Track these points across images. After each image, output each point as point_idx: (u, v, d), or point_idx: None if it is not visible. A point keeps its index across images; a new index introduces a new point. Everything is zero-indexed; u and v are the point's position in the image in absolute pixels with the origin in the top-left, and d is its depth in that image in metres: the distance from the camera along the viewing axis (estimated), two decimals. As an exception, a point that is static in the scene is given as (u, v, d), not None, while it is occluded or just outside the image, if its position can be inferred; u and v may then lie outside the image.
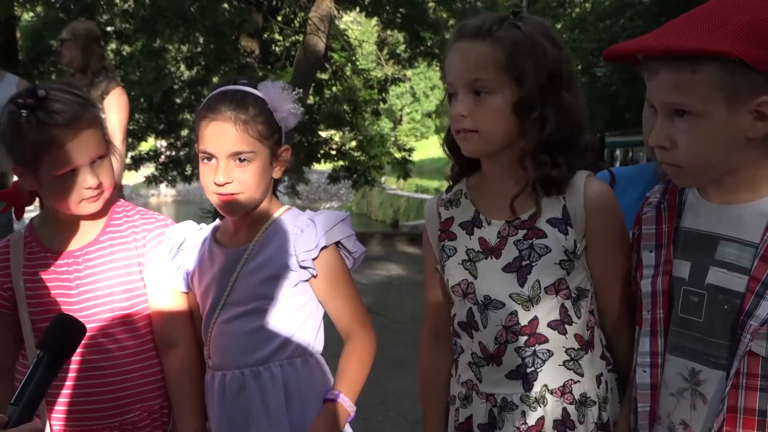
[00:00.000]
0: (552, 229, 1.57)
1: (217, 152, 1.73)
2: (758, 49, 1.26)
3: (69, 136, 1.73)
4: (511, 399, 1.61)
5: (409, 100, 39.34)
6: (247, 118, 1.71)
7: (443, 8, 13.37)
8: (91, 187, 1.78)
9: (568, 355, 1.60)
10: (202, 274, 1.86)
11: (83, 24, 5.01)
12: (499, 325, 1.60)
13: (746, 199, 1.37)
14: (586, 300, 1.61)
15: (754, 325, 1.31)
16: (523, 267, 1.58)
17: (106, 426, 1.85)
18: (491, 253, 1.62)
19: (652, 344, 1.47)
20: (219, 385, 1.80)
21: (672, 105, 1.35)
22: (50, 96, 1.74)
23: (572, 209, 1.57)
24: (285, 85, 1.80)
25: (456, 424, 1.70)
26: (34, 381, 1.29)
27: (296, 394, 1.78)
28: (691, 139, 1.34)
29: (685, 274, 1.44)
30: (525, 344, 1.59)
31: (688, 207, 1.47)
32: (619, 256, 1.60)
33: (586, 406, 1.60)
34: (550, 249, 1.57)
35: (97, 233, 1.89)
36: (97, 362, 1.82)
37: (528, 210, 1.59)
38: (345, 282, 1.83)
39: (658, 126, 1.38)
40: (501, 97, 1.52)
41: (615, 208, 1.61)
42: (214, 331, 1.81)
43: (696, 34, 1.30)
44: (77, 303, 1.84)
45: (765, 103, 1.29)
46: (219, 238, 1.88)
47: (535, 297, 1.58)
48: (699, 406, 1.41)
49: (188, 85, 12.63)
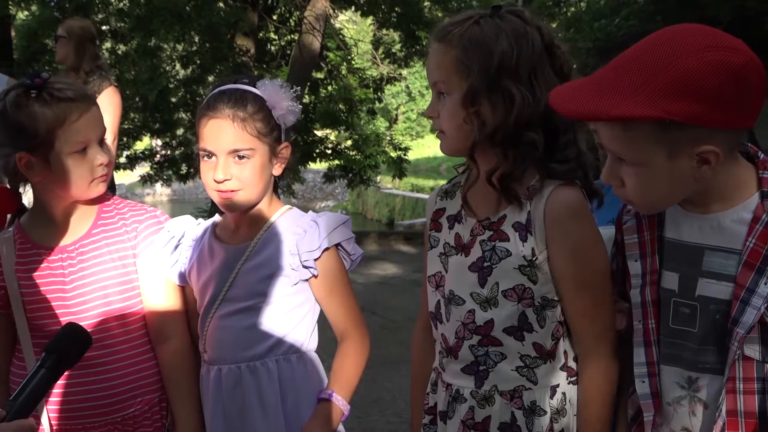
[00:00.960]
0: (514, 233, 1.56)
1: (216, 150, 1.74)
2: (691, 103, 1.22)
3: (82, 110, 1.77)
4: (462, 392, 1.63)
5: (404, 100, 39.30)
6: (246, 116, 1.73)
7: (439, 7, 13.37)
8: (103, 163, 1.81)
9: (523, 362, 1.58)
10: (200, 269, 1.87)
11: (79, 22, 4.98)
12: (459, 320, 1.62)
13: (722, 208, 1.37)
14: (553, 310, 1.58)
15: (740, 333, 1.31)
16: (484, 268, 1.59)
17: (109, 422, 1.84)
18: (462, 249, 1.63)
19: (647, 354, 1.47)
20: (215, 379, 1.82)
21: (612, 152, 1.35)
22: (52, 79, 1.77)
23: (534, 216, 1.54)
24: (283, 83, 1.82)
25: (426, 408, 1.74)
26: (35, 381, 1.30)
27: (291, 389, 1.80)
28: (636, 182, 1.34)
29: (674, 285, 1.43)
30: (479, 343, 1.60)
31: (669, 216, 1.46)
32: (580, 260, 1.54)
33: (534, 414, 1.58)
34: (510, 253, 1.56)
35: (89, 227, 1.89)
36: (96, 358, 1.82)
37: (501, 211, 1.58)
38: (343, 283, 1.85)
39: (608, 165, 1.38)
40: (454, 97, 1.53)
41: (577, 219, 1.55)
42: (211, 325, 1.82)
43: (623, 96, 1.25)
44: (72, 298, 1.84)
45: (707, 152, 1.27)
46: (219, 234, 1.89)
47: (492, 299, 1.57)
48: (699, 412, 1.41)
49: (183, 84, 12.61)
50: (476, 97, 1.50)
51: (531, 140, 1.51)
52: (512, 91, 1.49)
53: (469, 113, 1.51)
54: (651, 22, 10.70)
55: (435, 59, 1.57)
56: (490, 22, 1.52)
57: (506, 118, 1.50)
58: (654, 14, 11.32)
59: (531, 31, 1.53)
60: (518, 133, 1.51)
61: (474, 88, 1.50)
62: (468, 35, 1.51)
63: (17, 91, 1.76)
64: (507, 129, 1.51)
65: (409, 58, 14.02)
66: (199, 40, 11.47)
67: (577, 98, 1.32)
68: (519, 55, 1.50)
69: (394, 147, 13.83)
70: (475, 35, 1.51)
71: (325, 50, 12.36)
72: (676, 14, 9.30)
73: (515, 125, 1.50)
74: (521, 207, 1.55)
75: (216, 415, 1.82)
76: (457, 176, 1.74)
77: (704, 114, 1.22)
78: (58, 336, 1.41)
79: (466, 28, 1.52)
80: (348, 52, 13.44)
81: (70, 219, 1.88)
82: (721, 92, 1.22)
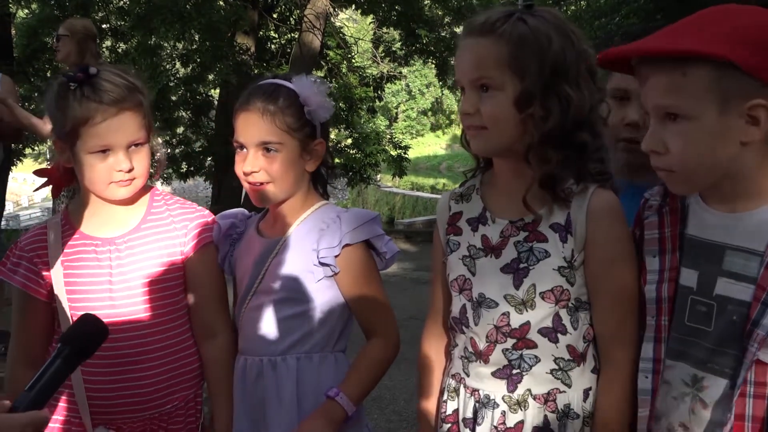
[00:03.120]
0: (553, 234, 1.55)
1: (247, 142, 1.78)
2: (749, 53, 1.25)
3: (108, 115, 1.77)
4: (493, 397, 1.60)
5: (404, 98, 39.30)
6: (276, 110, 1.75)
7: (439, 6, 13.36)
8: (122, 170, 1.80)
9: (557, 365, 1.57)
10: (242, 260, 1.90)
11: (81, 21, 5.00)
12: (491, 324, 1.59)
13: (749, 207, 1.36)
14: (585, 312, 1.57)
15: (761, 334, 1.29)
16: (520, 269, 1.57)
17: (145, 417, 1.84)
18: (491, 251, 1.61)
19: (655, 350, 1.46)
20: (241, 368, 1.85)
21: (663, 108, 1.34)
22: (100, 75, 1.79)
23: (575, 218, 1.54)
24: (318, 79, 1.83)
25: (444, 416, 1.70)
26: (50, 372, 1.30)
27: (310, 389, 1.79)
28: (683, 142, 1.33)
29: (692, 283, 1.42)
30: (513, 347, 1.58)
31: (692, 212, 1.45)
32: (616, 273, 1.54)
33: (568, 418, 1.57)
34: (549, 254, 1.55)
35: (138, 221, 1.89)
36: (138, 354, 1.82)
37: (535, 212, 1.56)
38: (369, 282, 1.84)
39: (651, 130, 1.38)
40: (504, 94, 1.50)
41: (617, 224, 1.56)
42: (244, 317, 1.86)
43: (686, 36, 1.30)
44: (117, 291, 1.83)
45: (757, 106, 1.27)
46: (261, 227, 1.92)
47: (529, 301, 1.56)
48: (698, 411, 1.41)
49: (183, 82, 12.58)
50: (532, 99, 1.49)
51: (582, 141, 1.52)
52: (568, 92, 1.49)
53: (525, 114, 1.50)
54: (652, 20, 10.70)
55: (478, 53, 1.52)
56: (536, 21, 1.50)
57: (563, 120, 1.49)
58: (654, 12, 11.31)
59: (572, 30, 1.53)
60: (571, 135, 1.51)
61: (530, 89, 1.48)
62: (519, 32, 1.49)
63: (61, 80, 1.80)
64: (563, 131, 1.50)
65: (410, 56, 13.99)
66: (199, 38, 11.44)
67: (643, 42, 1.37)
68: (568, 56, 1.50)
69: (394, 145, 13.82)
70: (527, 33, 1.49)
71: (325, 48, 12.35)
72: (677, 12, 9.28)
73: (571, 126, 1.50)
74: (559, 208, 1.55)
75: (241, 403, 1.85)
76: (468, 179, 1.72)
77: (761, 64, 1.25)
78: (75, 327, 1.41)
79: (514, 25, 1.49)
80: (348, 51, 13.42)
81: (116, 211, 1.88)
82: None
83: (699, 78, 1.29)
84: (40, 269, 1.84)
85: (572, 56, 1.51)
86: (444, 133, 42.52)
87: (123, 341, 1.79)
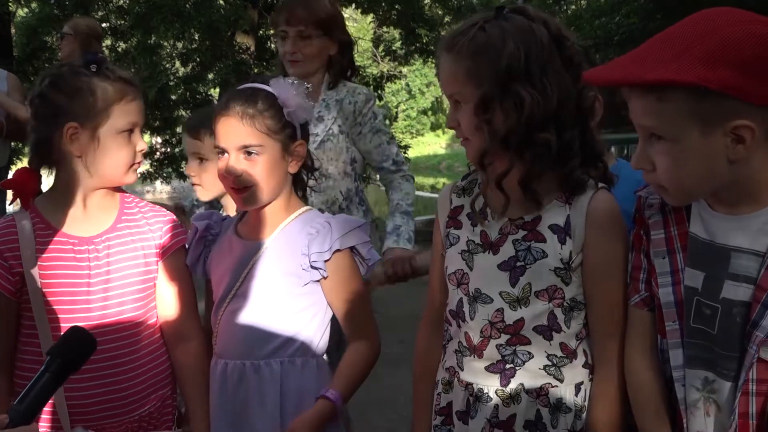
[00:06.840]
0: (552, 235, 1.56)
1: (227, 146, 1.78)
2: (727, 71, 1.21)
3: (135, 93, 1.82)
4: (487, 391, 1.62)
5: (404, 97, 39.26)
6: (255, 113, 1.75)
7: (439, 5, 13.36)
8: (144, 150, 1.85)
9: (550, 361, 1.59)
10: (219, 262, 1.89)
11: (85, 20, 4.99)
12: (486, 319, 1.60)
13: (751, 210, 1.34)
14: (579, 312, 1.59)
15: (760, 336, 1.29)
16: (516, 267, 1.58)
17: (125, 421, 1.83)
18: (490, 247, 1.62)
19: (683, 357, 1.43)
20: (221, 372, 1.83)
21: (646, 128, 1.33)
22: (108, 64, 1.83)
23: (574, 220, 1.55)
24: (296, 81, 1.83)
25: (437, 408, 1.72)
26: (39, 385, 1.28)
27: (293, 393, 1.79)
28: (668, 162, 1.32)
29: (698, 284, 1.40)
30: (507, 343, 1.59)
31: (695, 213, 1.43)
32: (612, 277, 1.56)
33: (560, 412, 1.59)
34: (546, 254, 1.56)
35: (113, 220, 1.88)
36: (117, 357, 1.81)
37: (533, 212, 1.58)
38: (354, 287, 1.84)
39: (639, 148, 1.37)
40: (470, 105, 1.53)
41: (617, 229, 1.57)
42: (222, 319, 1.84)
43: (659, 63, 1.26)
44: (96, 292, 1.81)
45: (741, 127, 1.24)
46: (240, 229, 1.91)
47: (524, 299, 1.57)
48: (713, 413, 1.39)
49: (183, 81, 12.59)
50: (489, 105, 1.50)
51: (544, 141, 1.51)
52: (521, 93, 1.48)
53: (480, 120, 1.51)
54: (651, 19, 10.69)
55: (447, 71, 1.56)
56: (495, 24, 1.51)
57: (517, 122, 1.49)
58: (654, 12, 11.30)
59: (537, 26, 1.51)
60: (531, 136, 1.51)
61: (486, 96, 1.50)
62: (475, 43, 1.50)
63: (74, 67, 1.80)
64: (519, 132, 1.50)
65: (410, 55, 14.01)
66: (199, 37, 11.46)
67: (614, 68, 1.34)
68: (528, 55, 1.49)
69: (394, 145, 13.82)
70: (482, 42, 1.50)
71: (325, 48, 12.32)
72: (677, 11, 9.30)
73: (527, 128, 1.50)
74: (558, 208, 1.56)
75: (220, 406, 1.83)
76: (471, 174, 1.73)
77: (739, 83, 1.21)
78: (63, 340, 1.39)
79: (473, 36, 1.51)
80: (348, 50, 13.41)
81: (91, 210, 1.85)
82: (757, 63, 1.21)
83: (675, 102, 1.26)
84: (10, 264, 1.77)
85: (534, 53, 1.49)
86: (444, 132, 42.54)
87: (106, 344, 1.75)
